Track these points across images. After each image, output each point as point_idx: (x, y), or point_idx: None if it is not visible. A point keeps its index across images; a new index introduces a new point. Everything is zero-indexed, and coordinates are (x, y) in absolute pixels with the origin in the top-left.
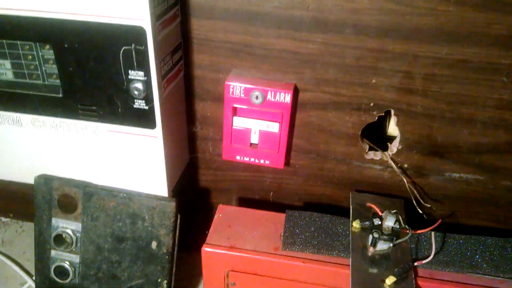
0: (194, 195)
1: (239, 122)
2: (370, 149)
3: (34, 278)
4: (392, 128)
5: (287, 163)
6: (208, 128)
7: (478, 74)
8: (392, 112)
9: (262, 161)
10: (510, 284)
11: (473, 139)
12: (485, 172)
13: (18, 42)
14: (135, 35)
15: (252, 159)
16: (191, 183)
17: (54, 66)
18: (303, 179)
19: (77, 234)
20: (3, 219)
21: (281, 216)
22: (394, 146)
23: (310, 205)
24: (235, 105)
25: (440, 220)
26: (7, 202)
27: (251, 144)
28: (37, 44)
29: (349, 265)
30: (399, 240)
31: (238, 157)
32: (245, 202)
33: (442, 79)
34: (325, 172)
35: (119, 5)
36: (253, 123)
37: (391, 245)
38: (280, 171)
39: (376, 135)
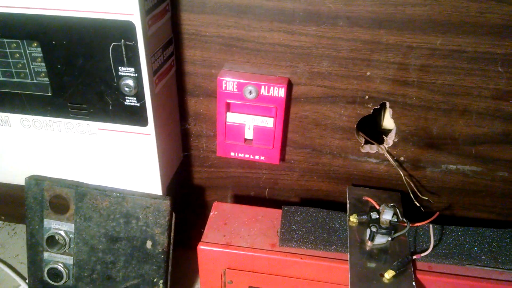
0: (189, 194)
1: (232, 118)
2: (366, 142)
3: (27, 281)
4: (387, 121)
5: (282, 158)
6: (201, 124)
7: (473, 64)
8: (387, 104)
9: (257, 157)
10: (509, 275)
11: (469, 130)
12: (482, 163)
13: (5, 40)
14: (124, 30)
15: (247, 155)
16: (185, 181)
17: (42, 64)
18: (299, 174)
19: (70, 235)
20: None
21: (278, 212)
22: (390, 139)
23: (306, 201)
24: (228, 101)
25: (438, 213)
26: None
27: (245, 140)
28: (24, 41)
29: (347, 260)
30: (397, 234)
31: (232, 154)
32: (240, 199)
33: (437, 70)
34: (321, 167)
35: (107, 0)
36: (247, 119)
37: (389, 238)
38: (275, 167)
39: (371, 129)
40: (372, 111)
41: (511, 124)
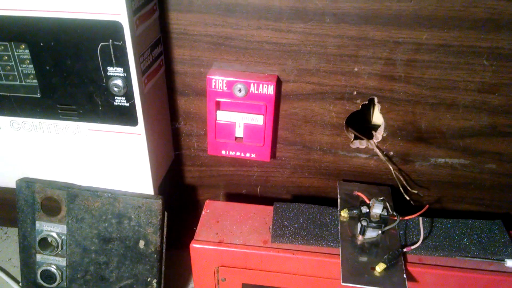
0: (181, 193)
1: (223, 116)
2: (356, 138)
3: (20, 284)
4: (376, 117)
5: (273, 155)
6: (192, 123)
7: (459, 58)
8: (376, 99)
9: (248, 155)
10: (498, 265)
11: (456, 123)
12: (470, 156)
13: None
14: (112, 30)
15: (238, 153)
16: (177, 180)
17: (31, 66)
18: (290, 171)
19: (63, 237)
20: None
21: (269, 209)
22: (379, 134)
23: (298, 197)
24: (218, 99)
25: (427, 206)
26: None
27: (236, 138)
28: (12, 44)
29: (339, 255)
30: (388, 227)
31: (223, 152)
32: (233, 197)
33: (424, 64)
34: (312, 163)
35: (94, 0)
36: (237, 117)
37: (380, 232)
38: (266, 164)
39: (361, 124)
40: (360, 106)
41: (497, 117)
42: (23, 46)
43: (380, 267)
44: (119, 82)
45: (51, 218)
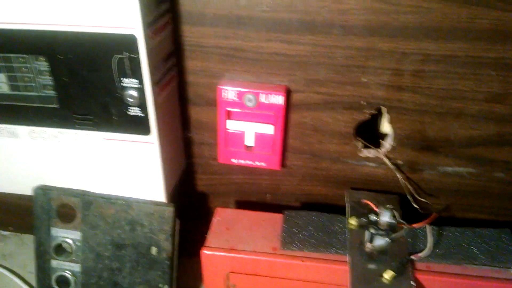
0: (192, 200)
1: (233, 126)
2: (364, 147)
3: None
4: (385, 126)
5: (282, 164)
6: (203, 132)
7: (466, 69)
8: (384, 109)
9: (258, 163)
10: (507, 273)
11: (464, 132)
12: (478, 165)
13: (12, 55)
14: (127, 43)
15: (248, 162)
16: (188, 188)
17: (49, 77)
18: (299, 179)
19: (77, 243)
20: (3, 232)
21: (279, 217)
22: (387, 143)
23: (307, 205)
24: (229, 109)
25: (434, 214)
26: (6, 215)
27: (246, 146)
28: (31, 56)
29: (347, 262)
30: (396, 235)
31: (234, 160)
32: (243, 205)
33: (431, 74)
34: (321, 172)
35: (110, 14)
36: (247, 126)
37: (388, 240)
38: (276, 172)
39: (369, 133)
40: (368, 116)
41: (505, 126)
42: (42, 59)
43: (388, 275)
44: (133, 93)
45: (67, 225)
